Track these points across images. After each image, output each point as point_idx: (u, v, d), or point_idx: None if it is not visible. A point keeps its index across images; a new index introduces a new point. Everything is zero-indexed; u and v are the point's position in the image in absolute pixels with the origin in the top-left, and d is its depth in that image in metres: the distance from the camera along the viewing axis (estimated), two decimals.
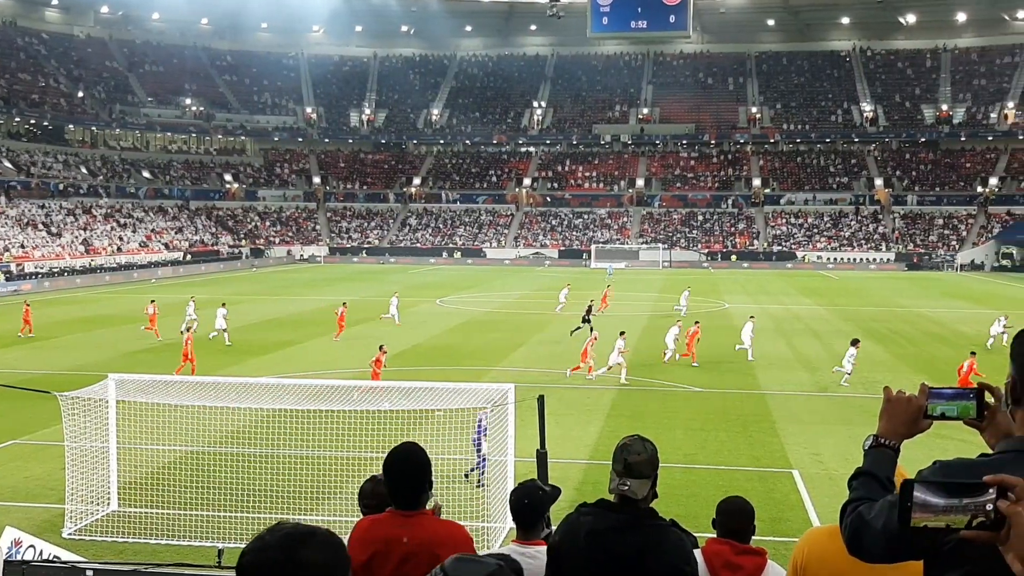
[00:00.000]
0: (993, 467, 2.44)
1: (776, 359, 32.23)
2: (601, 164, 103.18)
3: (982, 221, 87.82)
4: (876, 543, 2.57)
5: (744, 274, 74.18)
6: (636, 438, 4.29)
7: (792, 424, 22.33)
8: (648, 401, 25.34)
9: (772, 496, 16.57)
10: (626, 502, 4.13)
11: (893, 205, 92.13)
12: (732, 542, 5.17)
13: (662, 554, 4.04)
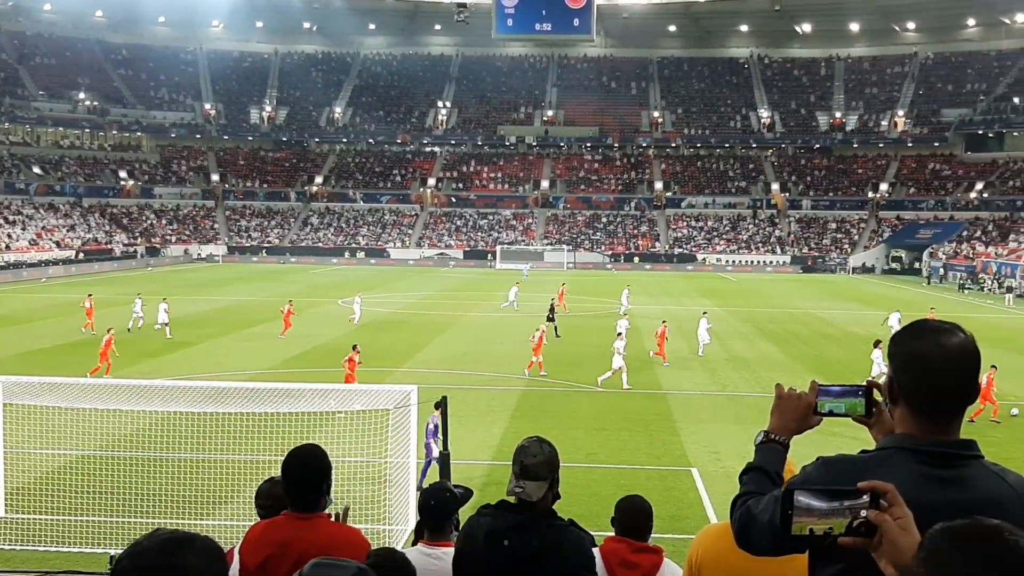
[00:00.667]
0: (872, 464, 2.54)
1: (677, 359, 32.71)
2: (506, 165, 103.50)
3: (873, 225, 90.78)
4: (763, 536, 2.63)
5: (646, 276, 75.23)
6: (535, 440, 4.28)
7: (692, 423, 22.69)
8: (551, 401, 25.44)
9: (672, 494, 16.79)
10: (524, 504, 4.11)
11: (789, 209, 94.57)
12: (629, 540, 5.21)
13: (561, 554, 4.04)
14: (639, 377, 29.23)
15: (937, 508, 2.25)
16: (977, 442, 2.63)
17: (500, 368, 30.08)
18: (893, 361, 2.64)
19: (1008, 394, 27.31)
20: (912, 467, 2.51)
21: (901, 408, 2.62)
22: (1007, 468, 2.64)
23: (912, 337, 2.62)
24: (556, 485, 4.24)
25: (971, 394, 2.58)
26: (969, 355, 2.57)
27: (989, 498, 2.47)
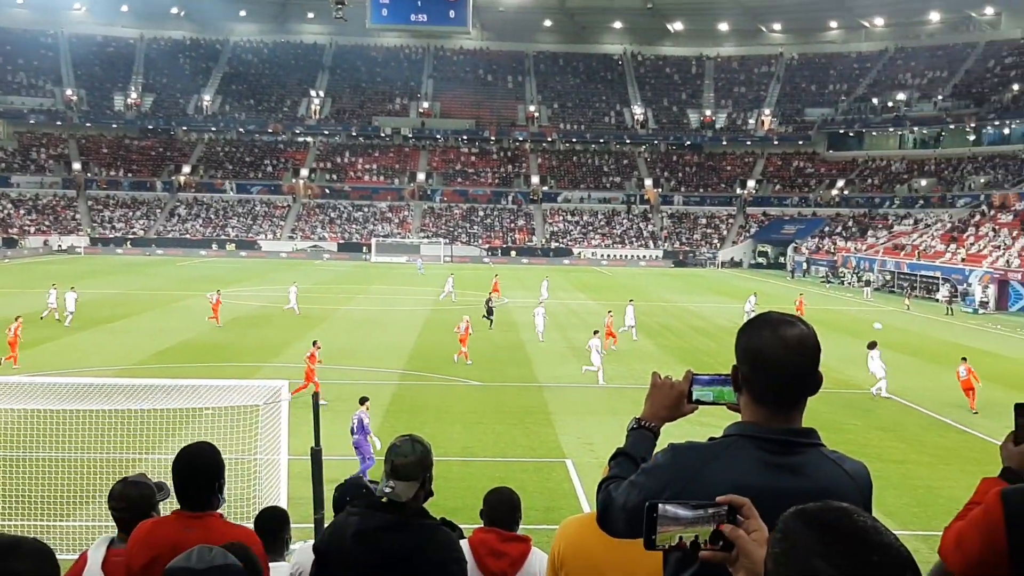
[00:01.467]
0: (716, 450, 2.66)
1: (553, 352, 32.95)
2: (382, 157, 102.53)
3: (741, 221, 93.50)
4: (619, 519, 2.75)
5: (523, 270, 75.65)
6: (407, 439, 4.21)
7: (567, 415, 22.85)
8: (427, 395, 25.27)
9: (547, 485, 16.85)
10: (393, 503, 4.06)
11: (661, 205, 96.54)
12: (498, 530, 5.27)
13: (430, 554, 4.01)
14: (517, 370, 29.33)
15: (776, 494, 2.36)
16: (817, 431, 2.70)
17: (376, 363, 29.72)
18: (738, 351, 2.72)
19: (862, 381, 28.44)
20: (753, 454, 2.61)
21: (745, 397, 2.71)
22: (845, 455, 2.73)
23: (754, 329, 2.70)
24: (428, 484, 4.19)
25: (810, 384, 2.65)
26: (808, 347, 2.64)
27: (826, 484, 2.57)
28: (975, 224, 68.96)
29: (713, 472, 2.63)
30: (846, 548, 1.57)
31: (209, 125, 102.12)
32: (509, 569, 5.14)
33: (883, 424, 23.09)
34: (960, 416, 23.69)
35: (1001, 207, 69.41)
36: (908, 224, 79.44)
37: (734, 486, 2.51)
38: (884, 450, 20.25)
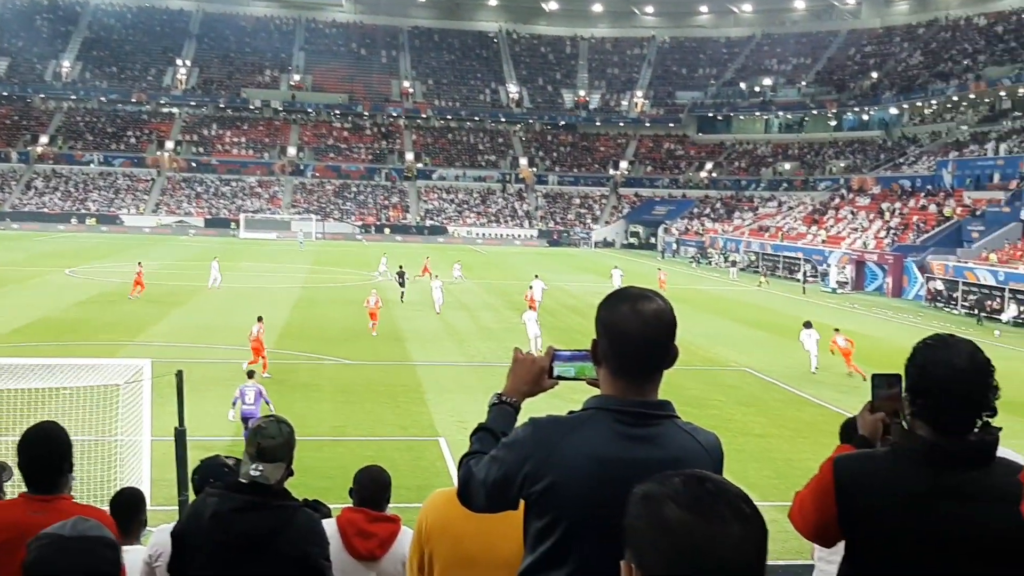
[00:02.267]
0: (575, 423, 2.73)
1: (427, 331, 32.83)
2: (251, 130, 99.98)
3: (614, 202, 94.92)
4: (479, 494, 2.81)
5: (398, 247, 75.06)
6: (272, 420, 4.16)
7: (440, 393, 22.79)
8: (297, 374, 24.83)
9: (419, 464, 16.77)
10: (258, 485, 3.98)
11: (536, 184, 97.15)
12: (366, 510, 5.17)
13: (290, 535, 3.94)
14: (390, 349, 29.11)
15: (632, 464, 2.44)
16: (672, 403, 2.78)
17: (244, 341, 29.02)
18: (597, 326, 2.78)
19: (727, 358, 29.31)
20: (610, 426, 2.67)
21: (603, 371, 2.77)
22: (698, 427, 2.81)
23: (612, 304, 2.76)
24: (291, 464, 4.12)
25: (665, 358, 2.72)
26: (663, 322, 2.70)
27: (680, 455, 2.63)
28: (835, 207, 71.69)
29: (572, 444, 2.68)
30: (705, 509, 1.60)
31: (68, 93, 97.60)
32: (378, 549, 5.07)
33: (745, 399, 23.81)
34: (817, 391, 24.61)
35: (859, 191, 72.33)
36: (772, 206, 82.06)
37: (592, 457, 2.66)
38: (746, 424, 20.89)
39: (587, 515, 2.60)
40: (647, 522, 1.62)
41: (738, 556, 1.57)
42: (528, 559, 2.77)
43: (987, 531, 2.54)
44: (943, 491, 2.58)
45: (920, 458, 2.64)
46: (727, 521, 1.58)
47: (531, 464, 2.69)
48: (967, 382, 2.62)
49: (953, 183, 62.75)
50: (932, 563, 2.57)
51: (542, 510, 2.70)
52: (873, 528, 2.65)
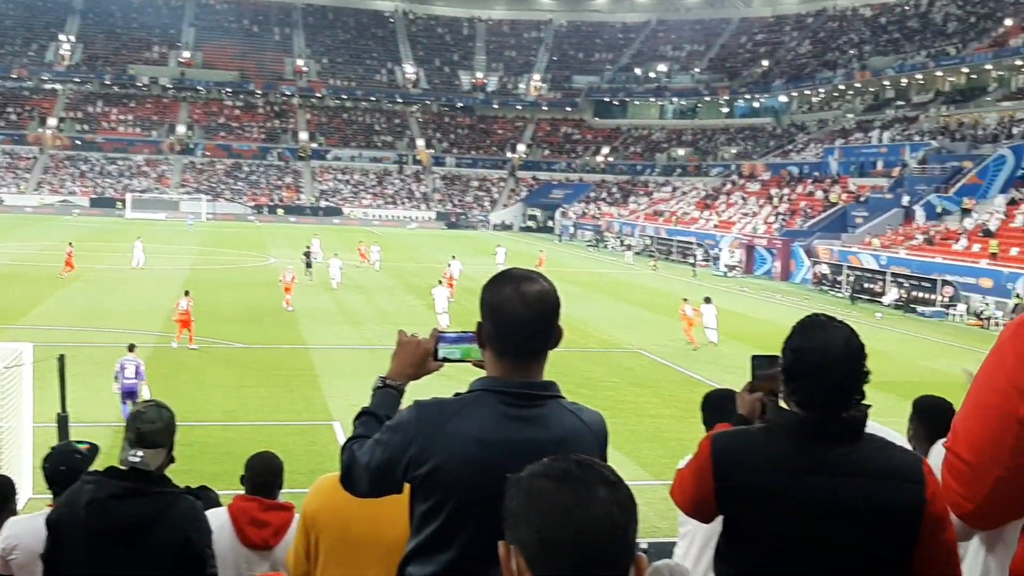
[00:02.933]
0: (459, 405, 2.72)
1: (320, 313, 32.40)
2: (138, 108, 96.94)
3: (512, 185, 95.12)
4: (363, 479, 2.79)
5: (291, 229, 73.83)
6: (152, 404, 4.07)
7: (334, 377, 22.49)
8: (185, 358, 24.20)
9: (313, 449, 16.53)
10: (137, 471, 3.89)
11: (434, 166, 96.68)
12: (259, 498, 5.05)
13: (169, 522, 3.87)
14: (282, 332, 28.63)
15: (517, 445, 2.48)
16: (557, 384, 2.79)
17: (130, 324, 28.18)
18: (481, 307, 2.77)
19: (621, 340, 29.70)
20: (495, 407, 2.68)
21: (488, 352, 2.78)
22: (583, 406, 2.83)
23: (496, 286, 2.76)
24: (172, 449, 4.03)
25: (550, 338, 2.74)
26: (547, 303, 2.71)
27: (565, 435, 2.67)
28: (726, 192, 73.25)
29: (457, 426, 2.68)
30: (580, 497, 1.61)
31: None
32: (272, 539, 4.97)
33: (639, 381, 24.16)
34: (709, 372, 25.10)
35: (750, 176, 74.02)
36: (667, 191, 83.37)
37: (476, 439, 2.66)
38: (640, 405, 21.19)
39: (472, 497, 2.59)
40: (519, 500, 1.64)
41: (607, 518, 1.58)
42: (413, 542, 2.78)
43: (856, 504, 2.62)
44: (814, 466, 2.66)
45: (793, 434, 2.70)
46: (594, 486, 1.61)
47: (415, 447, 2.68)
48: (840, 367, 2.67)
49: (839, 170, 64.71)
50: (803, 534, 2.65)
51: (427, 493, 2.70)
52: (748, 502, 2.72)
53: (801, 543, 2.66)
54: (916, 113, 67.72)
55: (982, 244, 43.71)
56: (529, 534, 1.61)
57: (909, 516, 2.61)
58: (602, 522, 1.59)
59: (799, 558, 2.67)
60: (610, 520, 1.59)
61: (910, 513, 2.61)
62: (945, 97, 68.31)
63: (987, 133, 57.18)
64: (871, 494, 2.62)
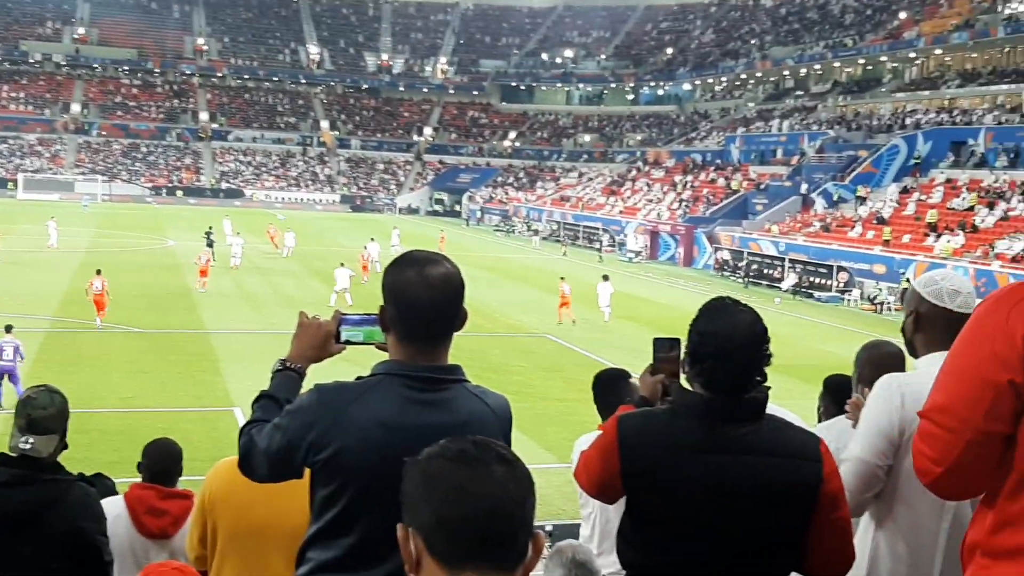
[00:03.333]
0: (361, 389, 2.68)
1: (222, 297, 31.79)
2: (30, 85, 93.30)
3: (418, 168, 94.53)
4: (261, 464, 2.74)
5: (191, 211, 72.12)
6: (43, 390, 3.94)
7: (236, 362, 22.09)
8: (82, 344, 23.52)
9: (213, 435, 16.21)
10: (28, 459, 3.79)
11: (338, 148, 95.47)
12: (157, 487, 4.94)
13: (62, 510, 3.78)
14: (182, 316, 28.00)
15: (420, 429, 2.43)
16: (462, 367, 2.77)
17: (22, 309, 27.18)
18: (384, 291, 2.74)
19: (529, 325, 29.86)
20: (399, 391, 2.65)
21: (392, 336, 2.74)
22: (488, 390, 2.81)
23: (399, 268, 2.73)
24: (64, 436, 3.93)
25: (454, 322, 2.71)
26: (451, 285, 2.69)
27: (469, 418, 2.65)
28: (632, 179, 74.07)
29: (358, 410, 2.64)
30: (461, 447, 1.65)
31: None
32: (171, 527, 4.87)
33: (546, 365, 24.32)
34: (615, 356, 25.36)
35: (655, 163, 74.96)
36: (573, 177, 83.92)
37: (379, 422, 2.62)
38: (547, 389, 21.35)
39: (374, 482, 2.55)
40: (415, 482, 1.64)
41: (504, 495, 1.59)
42: (314, 527, 2.73)
43: (757, 482, 2.70)
44: (718, 445, 2.72)
45: (697, 415, 2.76)
46: (490, 464, 1.61)
47: (316, 431, 2.63)
48: (745, 349, 2.73)
49: (740, 158, 66.02)
50: (707, 513, 2.72)
51: (328, 478, 2.66)
52: (653, 482, 2.77)
53: (705, 522, 2.73)
54: (815, 103, 69.46)
55: (876, 231, 45.11)
56: (427, 515, 1.60)
57: (807, 493, 2.71)
58: (499, 499, 1.59)
59: (702, 536, 2.74)
60: (507, 496, 1.60)
61: (808, 490, 2.71)
62: (842, 87, 70.19)
63: (882, 123, 58.94)
64: (772, 472, 2.71)
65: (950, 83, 59.16)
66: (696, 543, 2.75)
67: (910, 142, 51.91)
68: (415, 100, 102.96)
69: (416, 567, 1.63)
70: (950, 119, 53.82)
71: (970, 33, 57.53)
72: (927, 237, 42.65)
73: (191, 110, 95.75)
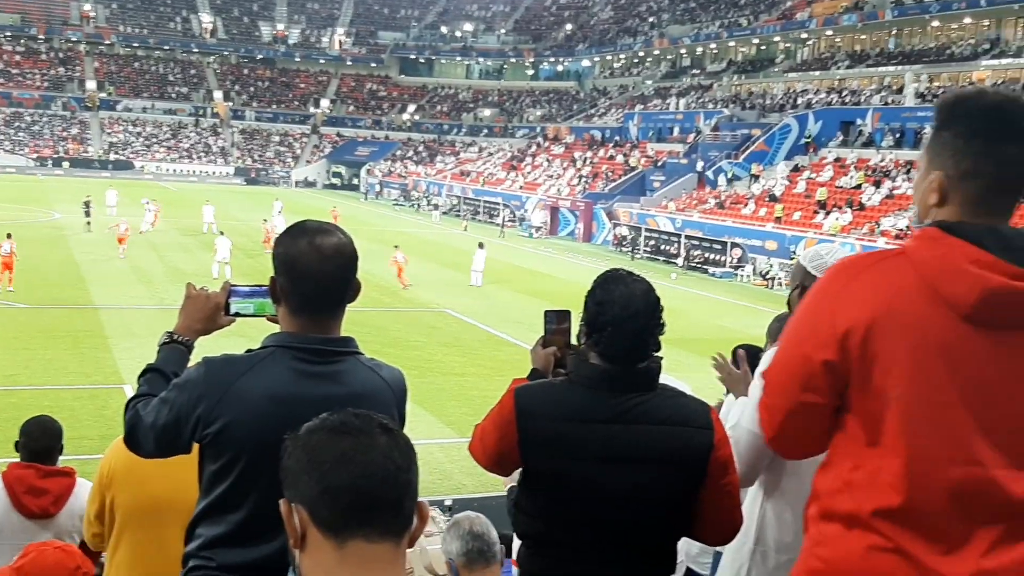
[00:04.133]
0: (252, 362, 2.64)
1: (111, 272, 30.84)
2: None
3: (315, 141, 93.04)
4: (148, 438, 2.70)
5: (78, 183, 69.63)
6: None
7: (125, 339, 21.47)
8: None
9: (103, 413, 15.77)
10: None
11: (232, 120, 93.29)
12: (37, 465, 4.78)
13: None
14: (70, 291, 27.11)
15: (311, 402, 2.34)
16: (355, 339, 2.76)
17: None
18: (275, 262, 2.71)
19: (429, 300, 29.77)
20: (289, 364, 2.62)
21: (283, 307, 2.71)
22: (382, 363, 2.82)
23: (291, 238, 2.69)
24: None
25: (347, 293, 2.71)
26: (344, 255, 2.68)
27: (362, 390, 2.65)
28: (532, 154, 74.25)
29: (248, 383, 2.61)
30: (342, 419, 1.65)
31: None
32: (52, 507, 4.73)
33: (446, 340, 24.28)
34: (513, 331, 25.50)
35: (555, 139, 75.27)
36: (474, 151, 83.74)
37: (269, 396, 2.59)
38: (446, 364, 21.31)
39: (264, 456, 2.46)
40: (296, 456, 1.62)
41: (387, 461, 1.60)
42: (203, 502, 2.71)
43: (651, 449, 2.78)
44: (613, 414, 2.79)
45: (593, 385, 2.82)
46: (372, 433, 1.62)
47: (205, 405, 2.60)
48: (640, 318, 2.80)
49: (638, 135, 66.77)
50: (604, 481, 2.79)
51: (217, 453, 2.63)
52: (551, 452, 2.81)
53: (601, 489, 2.80)
54: (710, 82, 70.58)
55: (768, 208, 46.21)
56: (309, 486, 1.59)
57: (698, 459, 2.80)
58: (382, 466, 1.59)
59: (599, 503, 2.81)
60: (391, 463, 1.60)
61: (699, 457, 2.81)
62: (737, 67, 71.44)
63: (775, 103, 60.26)
64: (666, 440, 2.79)
65: (840, 64, 60.78)
66: (592, 510, 2.81)
67: (801, 121, 53.21)
68: (312, 71, 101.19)
69: (301, 541, 1.61)
70: (840, 99, 55.35)
71: (859, 15, 59.12)
72: (816, 214, 43.87)
73: (78, 78, 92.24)
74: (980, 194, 2.10)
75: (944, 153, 2.12)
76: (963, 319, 2.04)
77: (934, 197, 2.14)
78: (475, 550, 3.85)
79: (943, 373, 2.06)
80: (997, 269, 2.01)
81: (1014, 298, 2.01)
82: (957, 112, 2.12)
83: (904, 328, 2.07)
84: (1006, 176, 2.10)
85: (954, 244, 2.05)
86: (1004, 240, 2.04)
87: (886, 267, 2.12)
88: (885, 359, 2.08)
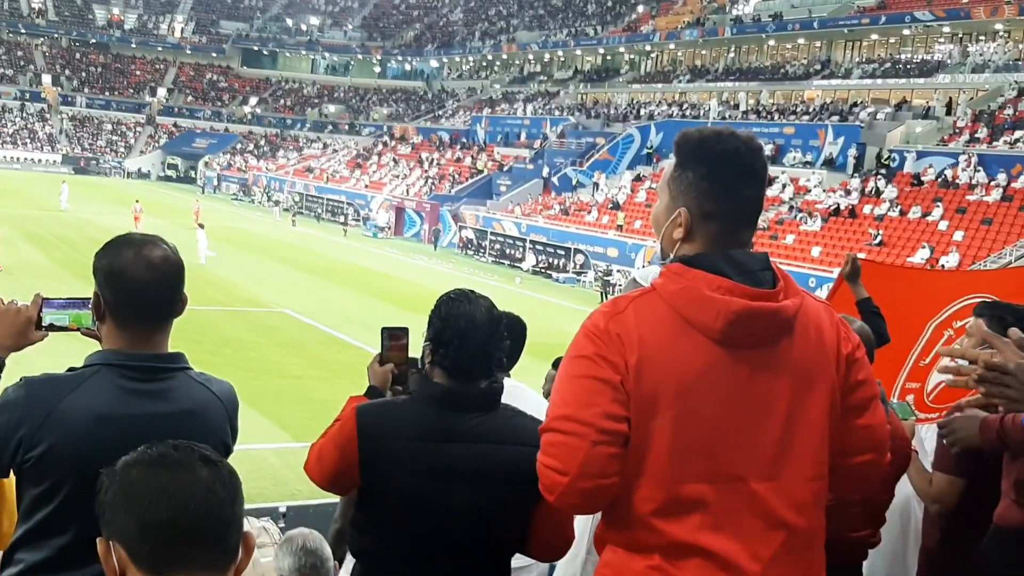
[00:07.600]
0: (76, 381, 2.50)
1: None
2: None
3: (150, 131, 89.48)
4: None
5: None
6: None
7: None
8: None
9: None
10: None
11: (62, 105, 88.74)
12: None
13: None
14: None
15: (139, 421, 2.38)
16: (185, 355, 2.68)
17: None
18: (97, 274, 2.58)
19: (267, 300, 28.97)
20: (116, 382, 2.53)
21: (108, 323, 2.60)
22: (212, 377, 2.74)
23: (115, 250, 2.58)
24: None
25: (175, 305, 2.63)
26: (171, 267, 2.60)
27: (193, 407, 2.59)
28: (378, 153, 73.53)
29: (71, 404, 2.48)
30: (161, 451, 1.62)
31: None
32: None
33: (284, 341, 23.63)
34: (355, 332, 25.05)
35: (401, 139, 74.78)
36: (318, 148, 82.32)
37: (96, 416, 2.47)
38: (284, 366, 20.70)
39: (90, 479, 2.27)
40: (113, 492, 1.57)
41: (209, 495, 1.55)
42: (22, 528, 2.56)
43: (490, 468, 2.83)
44: (455, 433, 2.84)
45: (436, 403, 2.87)
46: (193, 467, 1.57)
47: (26, 428, 2.45)
48: (484, 332, 2.86)
49: (486, 138, 67.02)
50: (442, 498, 2.81)
51: (40, 477, 2.49)
52: (390, 471, 2.83)
53: (439, 507, 2.82)
54: (557, 89, 71.57)
55: (611, 216, 47.13)
56: (127, 524, 1.54)
57: (534, 478, 2.75)
58: (203, 499, 1.55)
59: (438, 522, 2.84)
60: (213, 497, 1.56)
61: (535, 476, 2.76)
62: (584, 75, 72.69)
63: (619, 112, 61.57)
64: (504, 459, 2.83)
65: (681, 77, 62.65)
66: (430, 528, 2.83)
67: (644, 132, 54.52)
68: (148, 59, 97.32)
69: None
70: (680, 112, 57.02)
71: (700, 31, 61.10)
72: None
73: None
74: (722, 230, 2.28)
75: (689, 192, 2.28)
76: (716, 344, 2.19)
77: (680, 232, 2.29)
78: (308, 566, 3.83)
79: (704, 398, 2.19)
80: (737, 292, 2.18)
81: (756, 319, 2.19)
82: (700, 155, 2.28)
83: (665, 361, 2.19)
84: (745, 214, 2.31)
85: (697, 275, 2.21)
86: (738, 265, 2.23)
87: (640, 304, 2.26)
88: (652, 392, 2.20)
